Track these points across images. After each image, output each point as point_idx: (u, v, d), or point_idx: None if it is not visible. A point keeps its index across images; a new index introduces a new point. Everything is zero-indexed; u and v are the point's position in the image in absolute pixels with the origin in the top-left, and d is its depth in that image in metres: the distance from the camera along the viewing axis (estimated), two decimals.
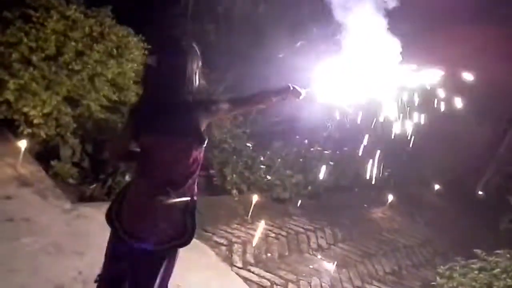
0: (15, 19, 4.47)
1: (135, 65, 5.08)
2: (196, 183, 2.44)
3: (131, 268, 2.44)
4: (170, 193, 2.27)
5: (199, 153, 2.34)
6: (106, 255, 2.50)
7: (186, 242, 2.46)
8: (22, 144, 4.36)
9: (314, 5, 6.75)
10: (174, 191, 2.28)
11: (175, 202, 2.28)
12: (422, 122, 4.76)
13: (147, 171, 2.31)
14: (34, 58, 4.43)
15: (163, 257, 2.44)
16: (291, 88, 2.66)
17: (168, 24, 6.74)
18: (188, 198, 2.33)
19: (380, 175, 6.95)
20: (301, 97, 2.69)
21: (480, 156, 9.20)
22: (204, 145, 2.34)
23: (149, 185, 2.30)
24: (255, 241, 4.75)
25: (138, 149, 2.34)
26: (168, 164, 2.27)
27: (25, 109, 4.42)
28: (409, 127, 4.67)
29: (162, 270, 2.45)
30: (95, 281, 2.56)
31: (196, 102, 2.28)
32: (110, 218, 2.44)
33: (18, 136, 4.55)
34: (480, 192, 9.49)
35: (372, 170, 6.39)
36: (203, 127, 2.30)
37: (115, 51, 4.93)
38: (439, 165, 8.84)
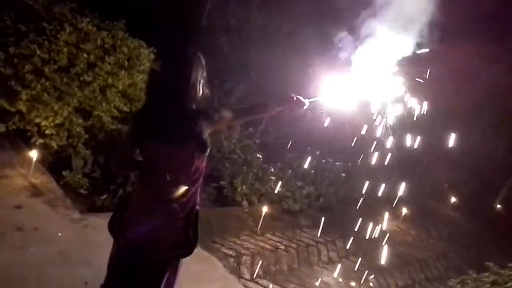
0: (29, 32, 4.56)
1: (146, 76, 5.11)
2: (198, 193, 2.42)
3: (133, 278, 2.43)
4: (172, 202, 2.27)
5: (201, 162, 2.32)
6: (108, 265, 2.49)
7: (188, 252, 2.44)
8: (34, 154, 4.42)
9: (327, 18, 6.74)
10: (176, 200, 2.28)
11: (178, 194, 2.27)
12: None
13: (149, 179, 2.30)
14: (47, 70, 4.51)
15: (165, 267, 2.42)
16: (294, 99, 2.65)
17: (182, 37, 6.82)
18: (187, 187, 2.30)
19: (395, 187, 6.83)
20: (304, 108, 2.68)
21: (497, 168, 9.00)
22: (207, 154, 2.33)
23: (150, 193, 2.30)
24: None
25: (140, 158, 2.34)
26: (170, 172, 2.25)
27: (37, 120, 4.50)
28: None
29: (164, 280, 2.44)
30: None
31: (199, 110, 2.28)
32: (112, 227, 2.44)
33: (31, 146, 4.62)
34: (498, 206, 9.28)
35: (386, 182, 6.29)
36: (205, 135, 2.29)
37: (126, 62, 4.99)
38: (455, 177, 8.68)
